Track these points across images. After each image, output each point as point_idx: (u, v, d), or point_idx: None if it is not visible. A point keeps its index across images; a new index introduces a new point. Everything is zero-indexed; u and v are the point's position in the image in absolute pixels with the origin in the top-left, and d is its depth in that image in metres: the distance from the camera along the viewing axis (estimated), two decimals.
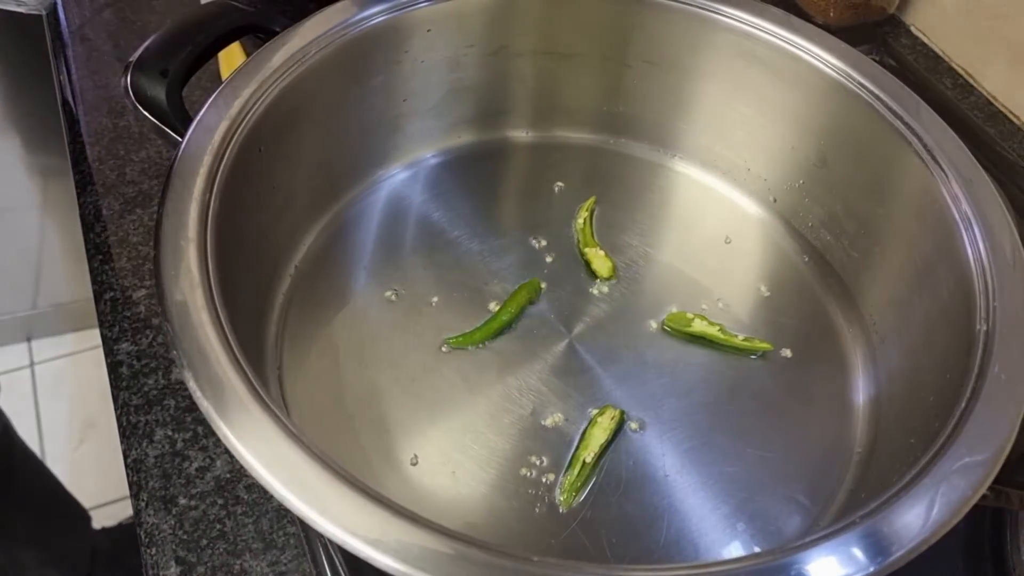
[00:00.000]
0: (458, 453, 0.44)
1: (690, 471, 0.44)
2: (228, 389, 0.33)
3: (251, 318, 0.46)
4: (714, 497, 0.43)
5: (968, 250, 0.41)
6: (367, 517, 0.30)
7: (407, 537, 0.30)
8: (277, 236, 0.48)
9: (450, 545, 0.30)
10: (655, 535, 0.42)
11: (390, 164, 0.55)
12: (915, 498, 0.32)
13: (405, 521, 0.30)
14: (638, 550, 0.41)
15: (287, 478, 0.31)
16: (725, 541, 0.42)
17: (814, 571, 0.30)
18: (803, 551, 0.31)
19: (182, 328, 0.34)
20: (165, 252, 0.36)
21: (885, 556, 0.31)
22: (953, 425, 0.34)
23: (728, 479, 0.44)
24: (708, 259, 0.53)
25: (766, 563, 0.30)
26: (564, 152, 0.58)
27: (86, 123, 0.61)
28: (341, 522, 0.30)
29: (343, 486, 0.31)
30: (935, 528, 0.31)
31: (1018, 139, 0.66)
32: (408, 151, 0.55)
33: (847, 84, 0.48)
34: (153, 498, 0.44)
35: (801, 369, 0.49)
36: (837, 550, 0.31)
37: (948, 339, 0.40)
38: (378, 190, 0.54)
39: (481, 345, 0.48)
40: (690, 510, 0.43)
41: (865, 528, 0.31)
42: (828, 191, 0.52)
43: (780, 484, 0.44)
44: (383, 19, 0.48)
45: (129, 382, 0.48)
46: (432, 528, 0.30)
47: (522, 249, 0.53)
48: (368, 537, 0.30)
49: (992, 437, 0.34)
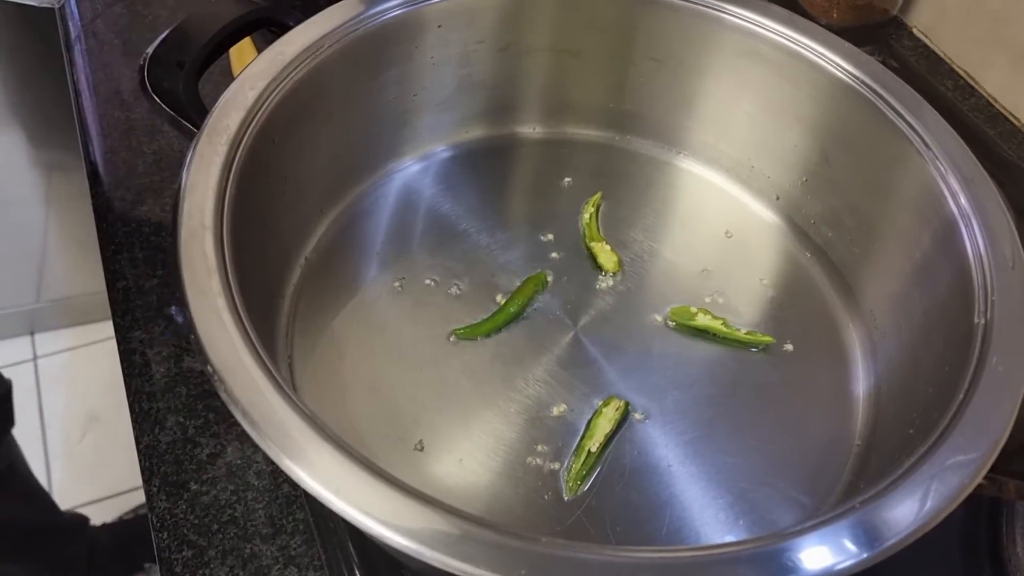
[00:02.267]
0: (464, 441, 0.45)
1: (693, 461, 0.45)
2: (243, 373, 0.34)
3: (262, 308, 0.46)
4: (716, 487, 0.44)
5: (967, 246, 0.42)
6: (379, 498, 0.31)
7: (417, 516, 0.30)
8: (288, 227, 0.49)
9: (459, 525, 0.30)
10: (658, 523, 0.43)
11: (400, 158, 0.56)
12: (910, 487, 0.33)
13: (416, 501, 0.31)
14: (641, 537, 0.42)
15: (302, 460, 0.31)
16: (725, 530, 0.43)
17: (807, 557, 0.31)
18: (797, 537, 0.31)
19: (199, 312, 0.35)
20: (183, 238, 0.37)
21: (879, 543, 0.31)
22: (951, 416, 0.35)
23: (730, 470, 0.45)
24: (712, 254, 0.54)
25: (759, 547, 0.31)
26: (571, 148, 0.59)
27: (98, 116, 0.61)
28: (355, 502, 0.31)
29: (356, 467, 0.31)
30: (929, 517, 0.32)
31: (1018, 140, 0.67)
32: (417, 145, 0.56)
33: (850, 83, 0.49)
34: (165, 483, 0.45)
35: (802, 363, 0.49)
36: (831, 537, 0.31)
37: (947, 333, 0.41)
38: (388, 183, 0.55)
39: (488, 336, 0.49)
40: (692, 500, 0.44)
41: (859, 516, 0.32)
42: (830, 188, 0.53)
43: (781, 475, 0.45)
44: (395, 14, 0.49)
45: (141, 370, 0.49)
46: (442, 508, 0.31)
47: (529, 243, 0.53)
48: (380, 517, 0.30)
49: (989, 428, 0.34)
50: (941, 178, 0.44)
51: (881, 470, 0.41)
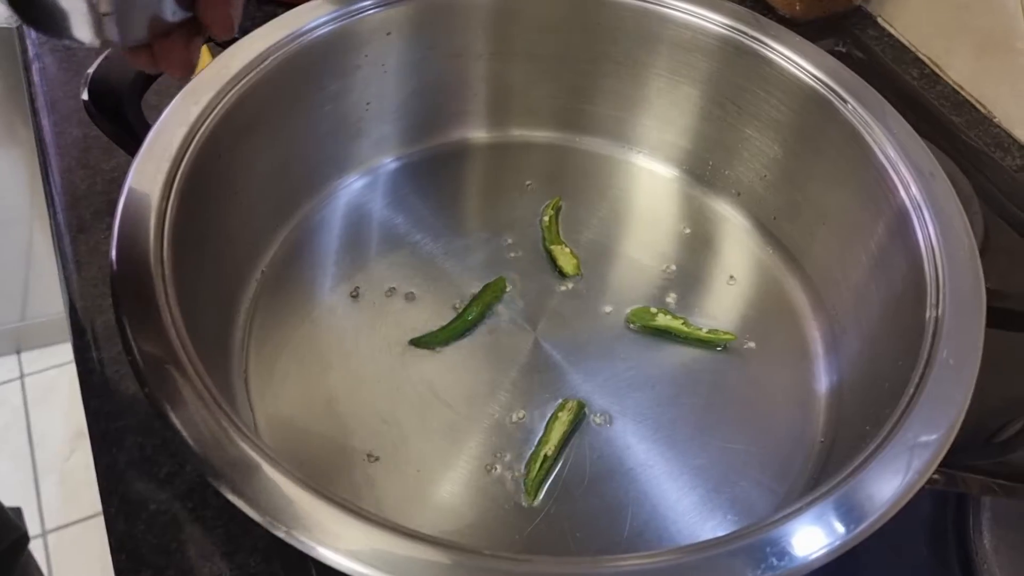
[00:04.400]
0: (422, 451, 0.44)
1: (655, 463, 0.45)
2: (191, 404, 0.33)
3: (217, 322, 0.46)
4: (679, 489, 0.44)
5: (919, 237, 0.41)
6: (327, 521, 0.31)
7: (363, 537, 0.30)
8: (242, 241, 0.49)
9: (402, 545, 0.30)
10: (619, 527, 0.42)
11: (357, 167, 0.55)
12: (855, 488, 0.32)
13: (361, 521, 0.31)
14: (602, 543, 0.42)
15: (242, 487, 0.31)
16: (689, 533, 0.42)
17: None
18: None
19: (136, 332, 0.35)
20: (121, 262, 0.37)
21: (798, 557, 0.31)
22: (901, 412, 0.35)
23: (693, 471, 0.44)
24: (673, 253, 0.54)
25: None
26: (528, 151, 0.58)
27: (56, 134, 0.61)
28: (299, 528, 0.30)
29: (301, 490, 0.31)
30: (874, 518, 0.32)
31: (983, 127, 0.66)
32: (372, 155, 0.56)
33: (803, 77, 0.49)
34: (124, 504, 0.44)
35: (765, 360, 0.49)
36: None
37: (902, 326, 0.41)
38: (345, 194, 0.55)
39: (447, 345, 0.48)
40: (655, 502, 0.43)
41: (783, 529, 0.32)
42: (789, 183, 0.52)
43: (745, 475, 0.44)
44: (342, 24, 0.49)
45: (99, 390, 0.48)
46: (387, 527, 0.30)
47: (487, 249, 0.53)
48: (322, 540, 0.30)
49: (938, 423, 0.34)
50: (892, 167, 0.44)
51: (841, 467, 0.40)
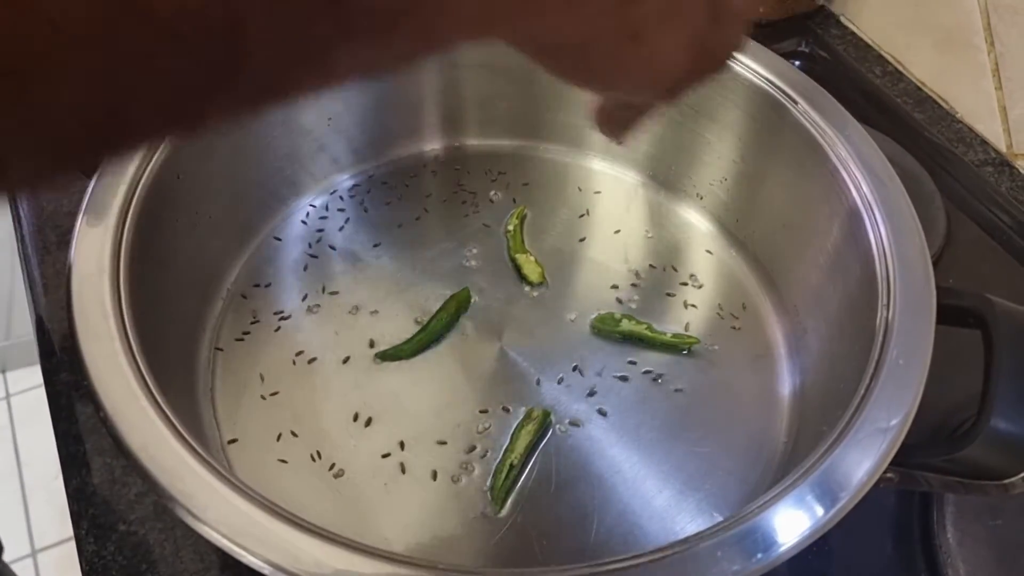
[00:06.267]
0: (389, 464, 0.44)
1: (621, 468, 0.45)
2: (148, 428, 0.33)
3: (181, 342, 0.46)
4: (645, 493, 0.44)
5: (871, 237, 0.42)
6: (284, 543, 0.31)
7: (329, 557, 0.30)
8: (206, 260, 0.49)
9: (367, 563, 0.30)
10: (585, 533, 0.43)
11: (319, 183, 0.55)
12: (801, 493, 0.32)
13: (322, 541, 0.31)
14: (568, 549, 0.42)
15: (191, 505, 0.31)
16: (655, 535, 0.43)
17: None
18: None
19: (91, 357, 0.35)
20: (76, 285, 0.37)
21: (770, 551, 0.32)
22: (852, 412, 0.35)
23: (659, 475, 0.45)
24: (637, 258, 0.54)
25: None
26: (490, 161, 0.59)
27: None
28: (260, 550, 0.30)
29: (258, 511, 0.31)
30: (821, 523, 0.32)
31: (946, 123, 0.67)
32: (331, 171, 0.56)
33: (760, 84, 0.49)
34: (93, 526, 0.44)
35: (730, 363, 0.49)
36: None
37: (857, 327, 0.41)
38: (305, 212, 0.55)
39: (413, 357, 0.49)
40: (622, 507, 0.44)
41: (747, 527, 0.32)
42: (749, 186, 0.53)
43: (710, 477, 0.45)
44: None
45: (67, 412, 0.49)
46: (350, 546, 0.31)
47: (451, 260, 0.53)
48: (281, 563, 0.30)
49: (887, 423, 0.34)
50: (844, 168, 0.44)
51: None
